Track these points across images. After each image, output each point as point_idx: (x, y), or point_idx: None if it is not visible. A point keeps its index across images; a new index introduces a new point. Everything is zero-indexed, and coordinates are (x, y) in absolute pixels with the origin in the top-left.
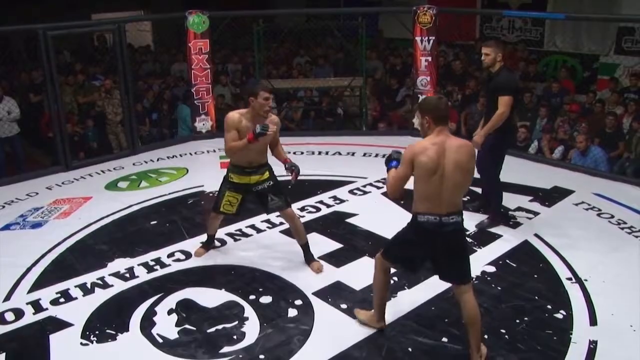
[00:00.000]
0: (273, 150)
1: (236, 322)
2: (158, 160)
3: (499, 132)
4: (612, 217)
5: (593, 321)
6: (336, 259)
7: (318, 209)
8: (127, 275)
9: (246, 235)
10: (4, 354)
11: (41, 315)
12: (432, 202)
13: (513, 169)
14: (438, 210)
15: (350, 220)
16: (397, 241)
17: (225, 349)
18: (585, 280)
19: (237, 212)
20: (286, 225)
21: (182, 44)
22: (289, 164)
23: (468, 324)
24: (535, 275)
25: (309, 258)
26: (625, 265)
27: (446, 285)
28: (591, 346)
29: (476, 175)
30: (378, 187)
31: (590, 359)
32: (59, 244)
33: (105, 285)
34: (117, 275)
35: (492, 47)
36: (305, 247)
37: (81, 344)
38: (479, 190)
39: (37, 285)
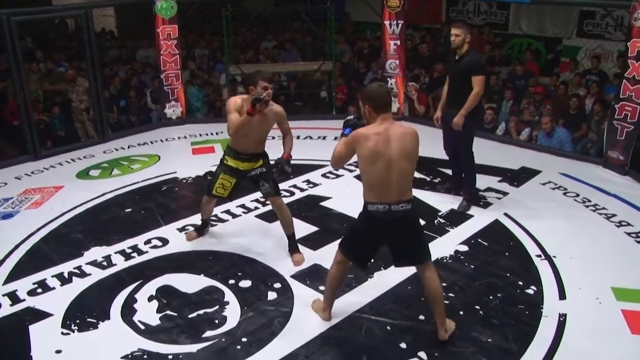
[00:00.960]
0: (283, 138)
1: (217, 307)
2: (129, 147)
3: (470, 113)
4: (578, 195)
5: (562, 295)
6: (312, 242)
7: (292, 193)
8: (105, 263)
9: (222, 220)
10: None
11: (19, 307)
12: (380, 191)
13: (482, 151)
14: (387, 199)
15: (324, 203)
16: (350, 232)
17: (208, 334)
18: (554, 256)
19: (229, 196)
20: (261, 210)
21: (147, 29)
22: (281, 159)
23: (431, 301)
24: (507, 253)
25: (292, 248)
26: (591, 241)
27: None
28: (561, 319)
29: (444, 157)
30: (350, 170)
31: (560, 331)
32: (32, 234)
33: (83, 274)
34: (94, 263)
35: (462, 28)
36: (291, 237)
37: (62, 333)
38: (448, 171)
39: (13, 276)
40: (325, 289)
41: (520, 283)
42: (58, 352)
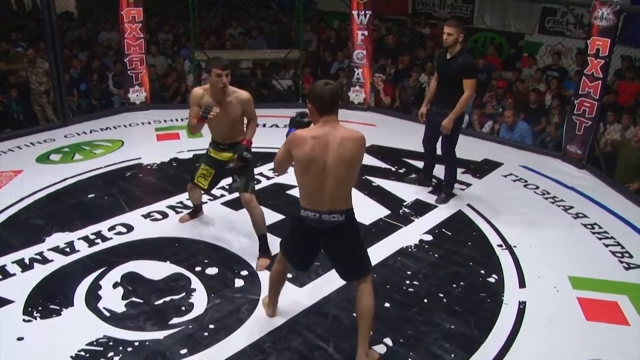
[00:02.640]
0: (247, 124)
1: (183, 294)
2: (91, 132)
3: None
4: (537, 187)
5: (522, 284)
6: (279, 229)
7: (258, 181)
8: (68, 249)
9: (188, 207)
10: None
11: None
12: (313, 198)
13: None
14: (319, 207)
15: (290, 192)
16: (288, 233)
17: (175, 320)
18: (515, 246)
19: (208, 188)
20: (227, 197)
21: (108, 11)
22: (239, 145)
23: (359, 315)
24: (469, 243)
25: (260, 250)
26: (549, 232)
27: (387, 252)
28: (521, 306)
29: (408, 147)
30: None
31: (520, 318)
32: None
33: (44, 261)
34: (56, 250)
35: (455, 26)
36: (261, 238)
37: (24, 320)
38: (413, 162)
39: None
40: (268, 287)
41: (482, 272)
42: (20, 339)
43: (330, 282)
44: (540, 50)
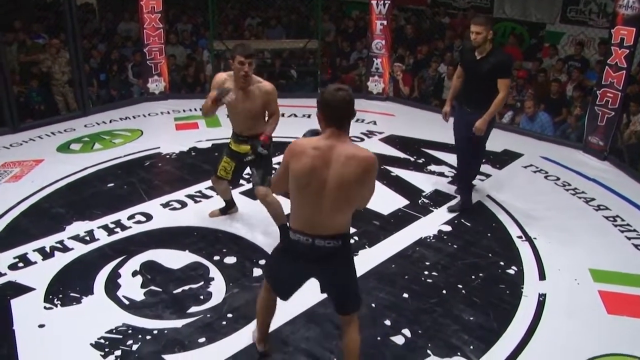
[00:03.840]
0: (268, 119)
1: (202, 283)
2: (110, 121)
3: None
4: (558, 179)
5: (542, 276)
6: None
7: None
8: (87, 238)
9: (206, 196)
10: None
11: (0, 281)
12: (305, 219)
13: None
14: (311, 231)
15: None
16: (272, 259)
17: (193, 309)
18: (535, 238)
19: (231, 180)
20: (246, 187)
21: (127, 2)
22: (257, 142)
23: (347, 350)
24: (489, 234)
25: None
26: (570, 224)
27: (406, 242)
28: (540, 299)
29: (428, 137)
30: None
31: (539, 310)
32: (11, 208)
33: (65, 249)
34: (76, 238)
35: (484, 24)
36: (282, 228)
37: (45, 307)
38: (431, 151)
39: None
40: (256, 318)
41: (502, 263)
42: (41, 326)
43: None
44: (561, 40)
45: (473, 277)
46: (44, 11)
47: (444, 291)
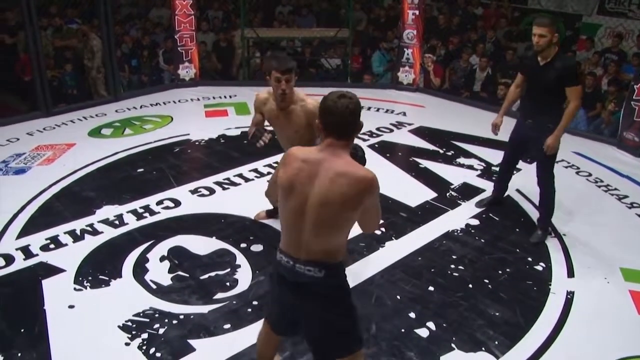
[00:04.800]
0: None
1: (228, 270)
2: (141, 107)
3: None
4: (590, 175)
5: (570, 273)
6: None
7: None
8: (117, 222)
9: (235, 184)
10: None
11: (32, 261)
12: (288, 238)
13: None
14: (294, 252)
15: None
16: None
17: (219, 295)
18: (564, 234)
19: None
20: None
21: None
22: None
23: None
24: (517, 229)
25: None
26: (601, 221)
27: (433, 235)
28: (568, 296)
29: (458, 130)
30: (364, 140)
31: (567, 308)
32: (44, 190)
33: (94, 232)
34: (106, 222)
35: (548, 26)
36: None
37: (75, 289)
38: (460, 144)
39: (25, 231)
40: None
41: (530, 259)
42: (71, 307)
43: (374, 263)
44: (598, 32)
45: (500, 272)
46: None
47: (470, 285)
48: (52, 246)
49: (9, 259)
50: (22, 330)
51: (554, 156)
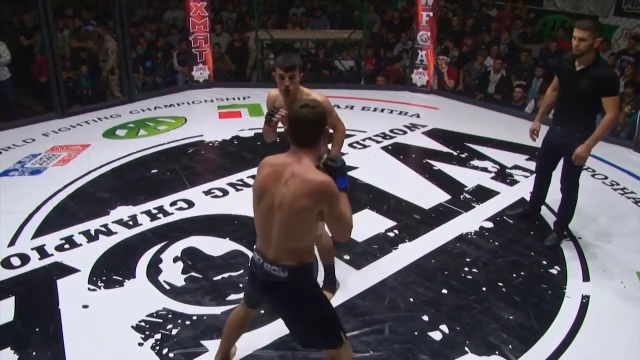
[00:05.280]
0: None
1: (242, 271)
2: (155, 108)
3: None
4: (606, 178)
5: (586, 277)
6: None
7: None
8: (131, 222)
9: (248, 185)
10: (13, 297)
11: (47, 261)
12: (260, 238)
13: (510, 128)
14: (264, 251)
15: (350, 173)
16: None
17: (232, 297)
18: (579, 238)
19: None
20: None
21: None
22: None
23: None
24: (531, 232)
25: (325, 280)
26: (617, 225)
27: (446, 238)
28: (584, 301)
29: (471, 132)
30: (377, 141)
31: (582, 312)
32: (59, 191)
33: (109, 233)
34: (120, 222)
35: (590, 29)
36: (328, 268)
37: (89, 289)
38: (477, 147)
39: (41, 231)
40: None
41: (544, 262)
42: (85, 307)
43: (387, 265)
44: (615, 34)
45: (514, 275)
46: None
47: (484, 288)
48: (66, 246)
49: (25, 259)
50: (37, 330)
51: (581, 165)
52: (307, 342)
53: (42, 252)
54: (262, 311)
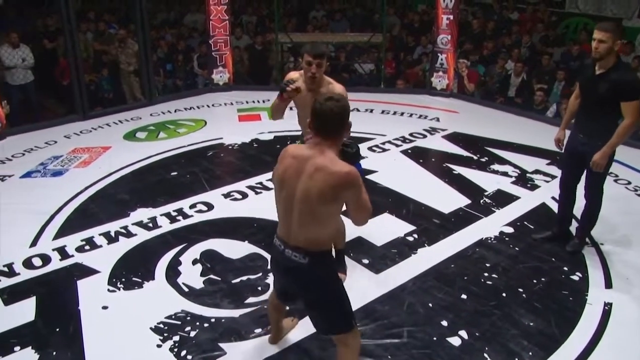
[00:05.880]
0: None
1: (260, 274)
2: (175, 111)
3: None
4: (629, 183)
5: (608, 284)
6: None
7: None
8: (150, 225)
9: (267, 188)
10: (34, 297)
11: (68, 262)
12: (281, 225)
13: (531, 132)
14: (285, 238)
15: (370, 177)
16: None
17: (250, 300)
18: (601, 244)
19: None
20: None
21: None
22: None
23: None
24: (541, 234)
25: (337, 265)
26: None
27: (466, 243)
28: (606, 308)
29: (491, 136)
30: (397, 145)
31: (604, 320)
32: (80, 192)
33: (129, 234)
34: (140, 224)
35: (611, 31)
36: (338, 253)
37: (108, 290)
38: (497, 151)
39: (62, 232)
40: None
41: (566, 268)
42: (104, 308)
43: (406, 269)
44: (639, 37)
45: (535, 281)
46: (117, 2)
47: (504, 294)
48: (87, 247)
49: (46, 259)
50: (58, 330)
51: (604, 174)
52: (323, 325)
53: (63, 253)
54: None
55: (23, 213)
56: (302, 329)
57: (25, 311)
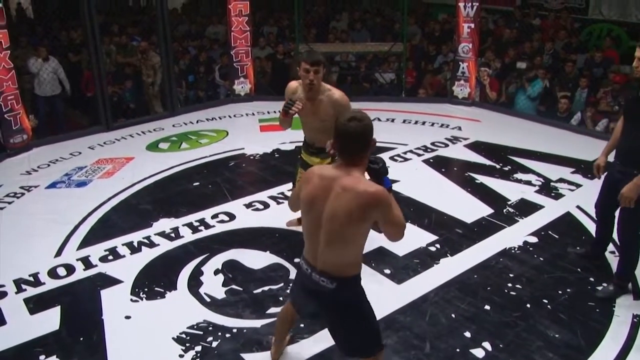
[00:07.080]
0: None
1: (282, 284)
2: (197, 122)
3: None
4: None
5: (637, 296)
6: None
7: None
8: (173, 235)
9: (289, 198)
10: (59, 306)
11: (91, 272)
12: (308, 248)
13: (554, 140)
14: (312, 261)
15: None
16: None
17: (272, 310)
18: None
19: None
20: None
21: (215, 5)
22: (324, 155)
23: None
24: (578, 247)
25: None
26: None
27: (489, 253)
28: (634, 320)
29: (514, 145)
30: (419, 154)
31: (633, 332)
32: (104, 203)
33: (151, 245)
34: (162, 234)
35: None
36: None
37: (131, 300)
38: (519, 159)
39: (86, 242)
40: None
41: (591, 279)
42: (127, 317)
43: (428, 280)
44: None
45: (560, 292)
46: (139, 15)
47: (528, 305)
48: (110, 257)
49: (70, 269)
50: (82, 339)
51: (638, 211)
52: (350, 350)
53: (86, 262)
54: (302, 325)
55: (48, 223)
56: (327, 339)
57: (50, 320)
